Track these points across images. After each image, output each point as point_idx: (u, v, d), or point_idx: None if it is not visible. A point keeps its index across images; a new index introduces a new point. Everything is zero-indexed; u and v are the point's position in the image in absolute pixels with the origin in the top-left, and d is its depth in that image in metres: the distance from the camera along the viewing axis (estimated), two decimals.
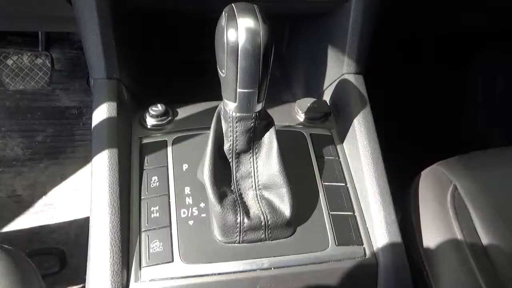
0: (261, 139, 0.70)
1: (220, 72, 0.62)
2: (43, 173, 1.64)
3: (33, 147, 1.72)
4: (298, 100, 0.89)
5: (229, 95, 0.63)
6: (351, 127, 0.83)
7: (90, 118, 1.98)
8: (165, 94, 1.13)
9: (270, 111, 0.87)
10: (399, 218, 0.86)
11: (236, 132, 0.67)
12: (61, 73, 1.87)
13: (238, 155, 0.70)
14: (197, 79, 1.05)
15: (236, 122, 0.66)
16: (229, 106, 0.64)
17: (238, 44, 0.56)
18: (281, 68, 1.18)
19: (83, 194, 1.56)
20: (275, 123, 0.72)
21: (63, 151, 1.72)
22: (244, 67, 0.58)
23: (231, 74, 0.59)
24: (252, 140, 0.69)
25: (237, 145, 0.69)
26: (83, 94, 1.87)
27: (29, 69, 1.55)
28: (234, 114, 0.64)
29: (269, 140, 0.70)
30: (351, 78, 0.89)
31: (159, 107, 0.83)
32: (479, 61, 1.87)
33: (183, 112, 0.86)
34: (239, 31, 0.56)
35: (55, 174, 1.64)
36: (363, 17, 0.85)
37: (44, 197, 1.57)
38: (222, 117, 0.69)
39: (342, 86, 0.89)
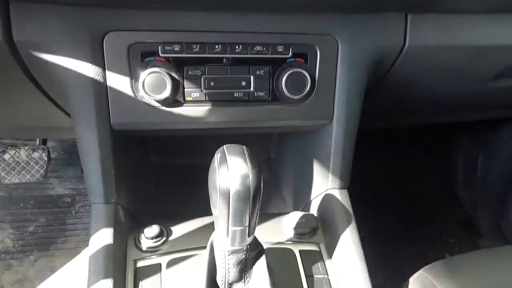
0: (252, 268, 0.73)
1: (213, 211, 0.67)
2: (32, 267, 1.62)
3: (24, 238, 1.72)
4: (287, 215, 0.93)
5: (221, 230, 0.67)
6: (338, 244, 0.87)
7: (83, 206, 1.96)
8: (162, 206, 1.17)
9: (261, 226, 0.92)
10: None
11: (228, 264, 0.71)
12: (56, 161, 1.92)
13: (231, 285, 0.73)
14: (193, 186, 1.09)
15: (228, 255, 0.69)
16: (221, 240, 0.68)
17: (229, 188, 0.62)
18: (270, 171, 1.24)
19: None
20: (266, 239, 0.75)
21: (54, 241, 1.72)
22: (235, 208, 0.63)
23: (222, 213, 0.64)
24: (244, 270, 0.72)
25: (229, 276, 0.72)
26: (77, 182, 1.90)
27: (25, 163, 1.59)
28: (226, 248, 0.68)
29: (260, 269, 0.73)
30: (336, 193, 0.94)
31: (154, 229, 0.85)
32: (459, 147, 1.98)
33: (178, 230, 0.89)
34: (230, 175, 0.62)
35: (44, 268, 1.62)
36: (344, 138, 0.92)
37: None
38: (215, 247, 0.72)
39: (328, 201, 0.94)
